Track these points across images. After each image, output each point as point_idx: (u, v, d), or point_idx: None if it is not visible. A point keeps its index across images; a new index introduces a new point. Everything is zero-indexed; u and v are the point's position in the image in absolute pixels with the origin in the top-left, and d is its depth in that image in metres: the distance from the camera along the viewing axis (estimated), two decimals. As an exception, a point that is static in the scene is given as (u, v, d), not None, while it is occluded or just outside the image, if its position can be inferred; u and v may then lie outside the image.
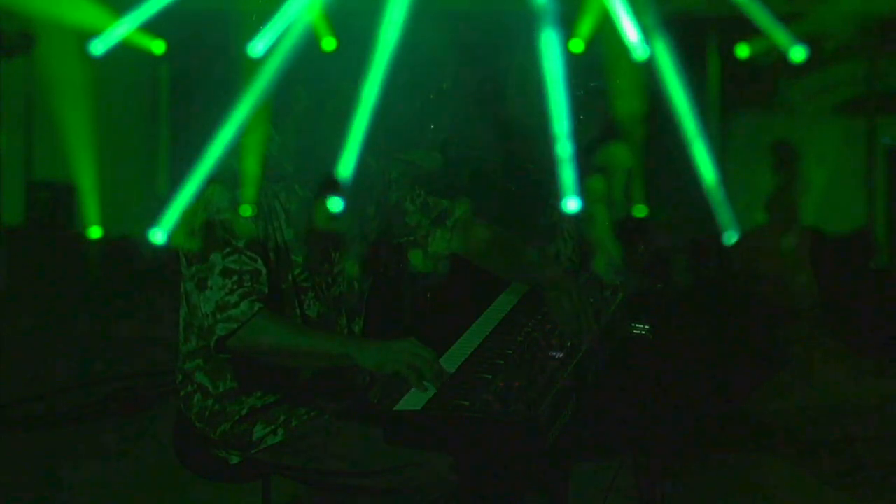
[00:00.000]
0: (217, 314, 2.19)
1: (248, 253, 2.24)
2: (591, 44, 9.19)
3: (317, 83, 2.34)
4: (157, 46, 10.46)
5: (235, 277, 2.21)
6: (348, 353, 2.19)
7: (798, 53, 9.26)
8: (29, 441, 4.66)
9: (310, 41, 2.48)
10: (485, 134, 4.19)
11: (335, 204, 2.37)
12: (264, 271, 2.25)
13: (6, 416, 4.93)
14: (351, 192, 2.45)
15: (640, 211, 7.46)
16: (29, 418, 5.00)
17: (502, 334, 2.34)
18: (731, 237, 4.46)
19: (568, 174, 3.04)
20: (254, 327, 2.19)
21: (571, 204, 2.92)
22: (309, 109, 2.36)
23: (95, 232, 8.96)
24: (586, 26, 9.22)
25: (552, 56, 2.94)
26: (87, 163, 8.88)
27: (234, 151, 2.37)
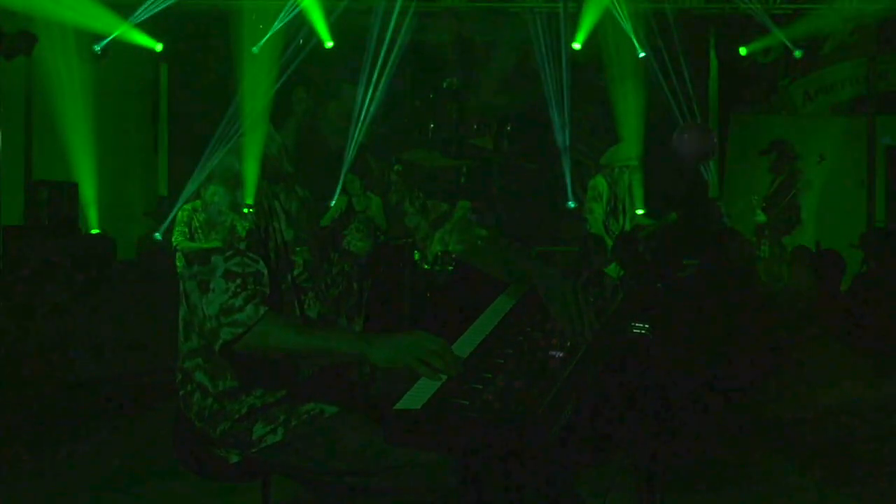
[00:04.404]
0: (221, 317, 2.19)
1: (250, 255, 2.24)
2: (591, 42, 9.18)
3: (318, 84, 2.34)
4: (157, 46, 10.49)
5: (238, 280, 2.21)
6: (359, 352, 2.19)
7: (798, 53, 9.31)
8: (30, 440, 4.66)
9: (310, 41, 2.48)
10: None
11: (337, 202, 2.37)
12: (266, 272, 2.25)
13: (6, 416, 4.94)
14: (351, 193, 2.45)
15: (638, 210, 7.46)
16: (29, 417, 5.01)
17: (502, 334, 2.34)
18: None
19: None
20: (260, 332, 2.19)
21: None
22: (310, 110, 2.36)
23: (95, 231, 8.98)
24: (587, 25, 9.22)
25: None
26: (87, 163, 8.90)
27: (235, 151, 2.36)
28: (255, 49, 7.87)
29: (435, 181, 9.76)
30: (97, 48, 9.05)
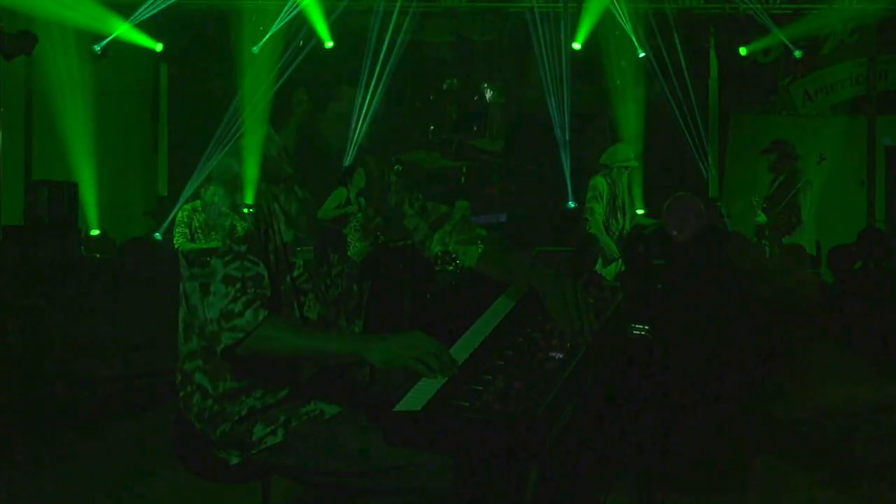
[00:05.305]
0: (222, 322, 2.20)
1: (250, 257, 2.24)
2: (591, 43, 9.16)
3: (318, 85, 2.34)
4: (157, 46, 10.50)
5: (238, 285, 2.21)
6: (357, 352, 2.20)
7: (798, 54, 9.32)
8: (30, 440, 4.66)
9: (310, 42, 2.48)
10: None
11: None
12: (266, 274, 2.25)
13: (6, 415, 4.93)
14: (353, 187, 2.45)
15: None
16: (29, 417, 5.00)
17: (502, 335, 2.34)
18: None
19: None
20: (260, 336, 2.20)
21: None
22: (310, 111, 2.35)
23: (94, 231, 8.99)
24: (587, 25, 9.21)
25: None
26: (87, 163, 8.91)
27: (235, 152, 2.36)
28: (255, 49, 7.87)
29: (435, 182, 9.77)
30: (97, 48, 9.06)
